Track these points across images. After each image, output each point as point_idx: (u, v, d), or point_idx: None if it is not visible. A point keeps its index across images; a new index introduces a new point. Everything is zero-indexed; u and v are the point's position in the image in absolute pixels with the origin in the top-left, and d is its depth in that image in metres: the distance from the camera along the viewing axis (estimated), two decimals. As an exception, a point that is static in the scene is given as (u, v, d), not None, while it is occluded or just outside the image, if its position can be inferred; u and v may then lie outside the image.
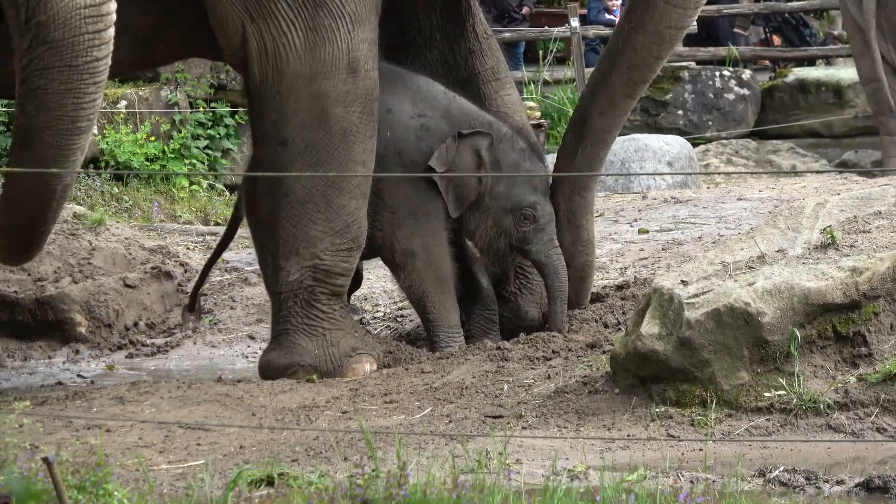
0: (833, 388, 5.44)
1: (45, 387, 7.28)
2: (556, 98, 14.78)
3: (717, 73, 15.13)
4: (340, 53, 6.67)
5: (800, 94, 15.16)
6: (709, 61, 15.60)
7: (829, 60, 16.44)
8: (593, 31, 15.38)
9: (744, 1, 16.56)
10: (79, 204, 10.57)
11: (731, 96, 15.08)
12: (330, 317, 6.75)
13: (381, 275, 8.53)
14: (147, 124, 12.83)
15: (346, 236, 6.75)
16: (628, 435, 5.39)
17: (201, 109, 13.19)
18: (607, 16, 15.77)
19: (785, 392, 5.44)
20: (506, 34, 15.41)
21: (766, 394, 5.46)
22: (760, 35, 17.13)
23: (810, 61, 16.30)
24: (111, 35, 5.67)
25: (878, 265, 5.51)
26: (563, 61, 15.61)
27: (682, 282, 5.67)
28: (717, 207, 10.31)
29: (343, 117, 6.69)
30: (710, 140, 14.66)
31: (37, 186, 5.93)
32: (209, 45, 6.91)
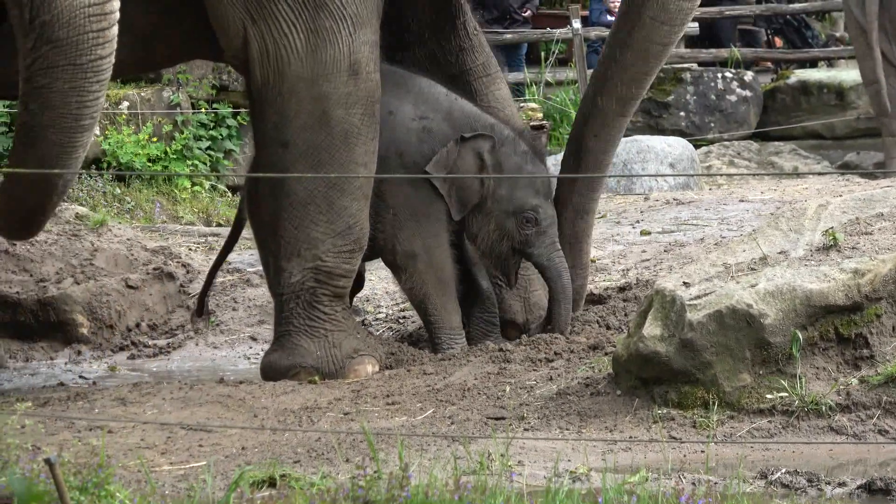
0: (835, 389, 5.44)
1: (47, 388, 7.28)
2: (559, 99, 14.78)
3: (719, 75, 15.12)
4: (342, 55, 6.67)
5: (802, 96, 15.16)
6: (711, 63, 15.60)
7: (830, 62, 16.43)
8: (595, 32, 15.36)
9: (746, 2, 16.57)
10: (81, 205, 10.57)
11: (733, 98, 15.07)
12: (332, 318, 6.75)
13: (382, 276, 8.52)
14: (149, 125, 12.83)
15: (347, 238, 6.75)
16: (630, 437, 5.39)
17: (203, 110, 13.18)
18: (609, 17, 15.73)
19: (787, 394, 5.44)
20: (507, 35, 15.41)
21: (768, 395, 5.46)
22: (763, 37, 17.13)
23: (812, 63, 16.29)
24: (115, 33, 5.69)
25: (880, 267, 5.50)
26: (564, 63, 15.61)
27: (685, 283, 5.67)
28: (719, 209, 10.30)
29: (344, 119, 6.69)
30: (712, 142, 14.65)
31: (39, 183, 5.96)
32: (209, 46, 6.91)
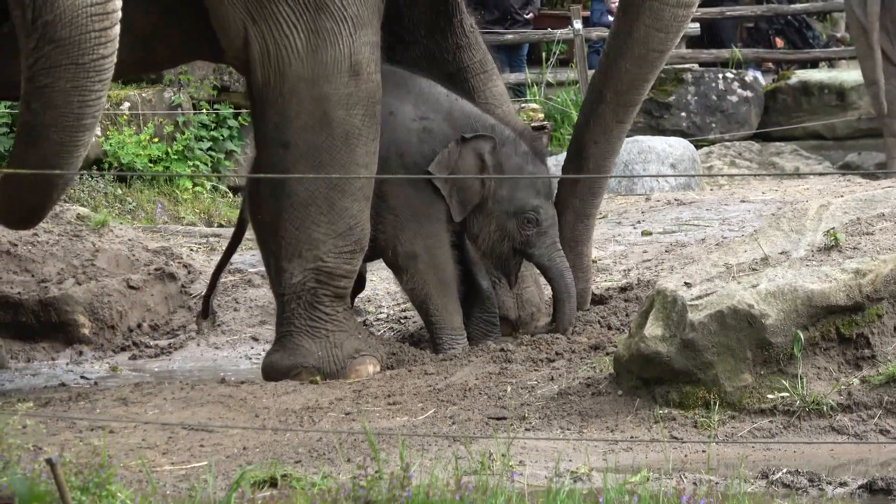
0: (836, 390, 5.44)
1: (49, 388, 7.28)
2: (560, 100, 14.78)
3: (721, 76, 15.12)
4: (342, 56, 6.67)
5: (803, 97, 15.16)
6: (712, 63, 15.60)
7: (831, 63, 16.44)
8: (596, 33, 15.37)
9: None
10: (82, 205, 10.57)
11: (734, 98, 15.07)
12: (333, 319, 6.75)
13: (384, 276, 8.52)
14: (150, 126, 12.83)
15: (348, 238, 6.75)
16: (631, 437, 5.39)
17: (204, 111, 13.19)
18: (610, 17, 15.73)
19: (788, 394, 5.44)
20: (509, 36, 15.42)
21: (770, 395, 5.46)
22: (764, 38, 17.13)
23: (813, 63, 16.30)
24: (117, 33, 5.70)
25: (881, 267, 5.50)
26: (566, 63, 15.61)
27: (686, 284, 5.67)
28: (720, 209, 10.30)
29: (345, 120, 6.69)
30: (713, 142, 14.65)
31: (40, 181, 5.99)
32: (210, 46, 6.92)
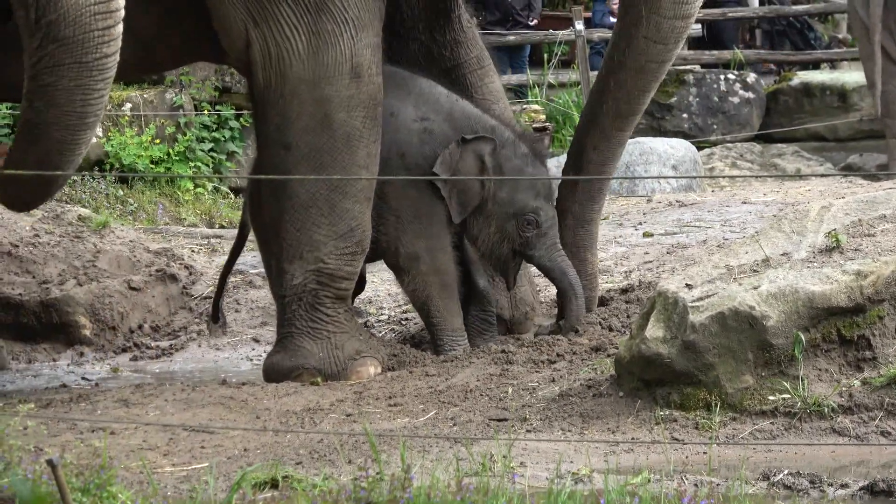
0: (837, 391, 5.44)
1: (50, 389, 7.28)
2: (561, 101, 14.78)
3: (722, 77, 15.12)
4: (343, 58, 6.67)
5: (804, 98, 15.16)
6: (713, 65, 15.60)
7: (833, 64, 16.44)
8: (598, 34, 15.37)
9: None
10: (83, 206, 10.57)
11: (735, 100, 15.07)
12: (334, 320, 6.75)
13: (385, 278, 8.53)
14: (152, 127, 12.83)
15: (349, 240, 6.74)
16: (632, 438, 5.39)
17: (206, 112, 13.19)
18: (612, 19, 15.74)
19: (789, 395, 5.43)
20: (510, 37, 15.42)
21: (771, 397, 5.46)
22: (766, 39, 17.14)
23: (815, 65, 16.30)
24: (119, 31, 5.72)
25: (882, 269, 5.50)
26: (567, 64, 15.62)
27: (687, 285, 5.67)
28: (721, 211, 10.31)
29: (346, 122, 6.69)
30: (714, 143, 14.66)
31: (39, 177, 6.01)
32: (211, 47, 6.92)
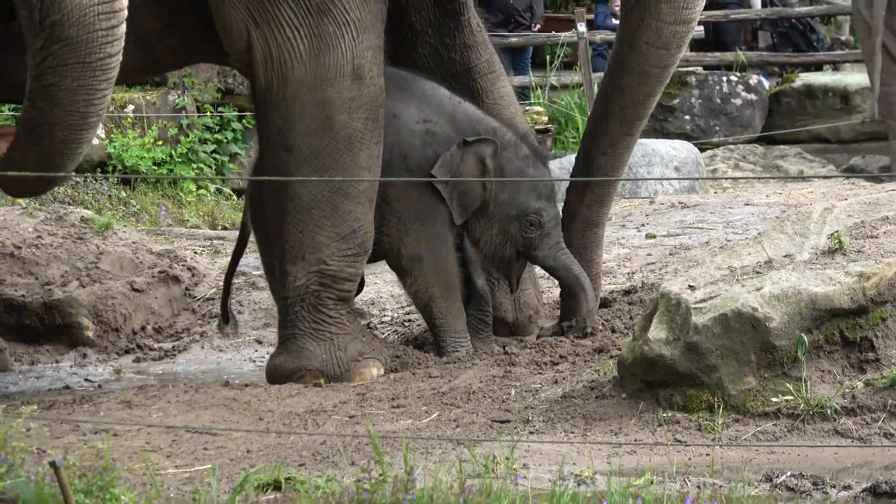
0: (840, 393, 5.44)
1: (53, 391, 7.28)
2: (564, 103, 14.79)
3: (725, 79, 15.13)
4: (345, 60, 6.67)
5: (807, 100, 15.16)
6: (716, 66, 15.60)
7: (836, 66, 16.44)
8: (600, 35, 15.37)
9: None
10: (86, 208, 10.57)
11: (738, 101, 15.07)
12: (337, 321, 6.75)
13: (388, 279, 8.52)
14: (154, 128, 12.84)
15: (352, 242, 6.74)
16: (635, 440, 5.39)
17: (209, 114, 13.20)
18: (614, 21, 15.74)
19: (792, 397, 5.43)
20: (513, 39, 15.42)
21: (774, 399, 5.45)
22: (768, 41, 17.13)
23: (817, 67, 16.30)
24: (123, 32, 5.73)
25: (885, 270, 5.50)
26: (570, 66, 15.63)
27: (690, 287, 5.66)
28: (724, 212, 10.31)
29: (348, 124, 6.69)
30: (717, 145, 14.66)
31: (41, 178, 6.03)
32: (212, 48, 6.92)
